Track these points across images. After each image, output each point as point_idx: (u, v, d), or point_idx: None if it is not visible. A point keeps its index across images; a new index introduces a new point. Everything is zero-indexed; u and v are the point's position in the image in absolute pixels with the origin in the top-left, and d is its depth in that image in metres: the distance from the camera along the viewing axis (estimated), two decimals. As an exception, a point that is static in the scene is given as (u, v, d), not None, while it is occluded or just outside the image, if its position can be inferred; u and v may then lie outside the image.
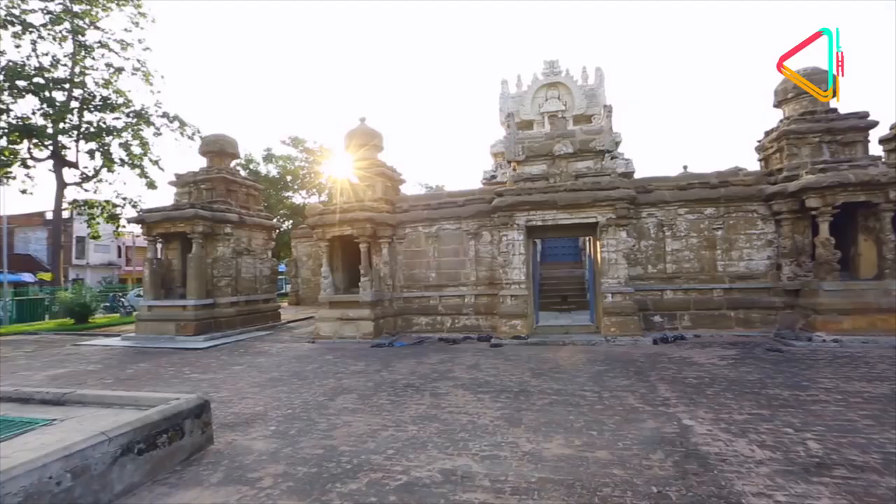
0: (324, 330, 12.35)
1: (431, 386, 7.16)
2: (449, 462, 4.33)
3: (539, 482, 3.88)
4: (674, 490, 3.67)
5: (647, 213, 11.65)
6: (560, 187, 11.18)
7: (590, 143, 11.34)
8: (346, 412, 5.95)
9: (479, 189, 13.48)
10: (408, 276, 13.20)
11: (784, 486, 3.68)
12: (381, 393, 6.84)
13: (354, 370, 8.51)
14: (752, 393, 6.23)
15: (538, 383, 7.09)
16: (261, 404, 6.42)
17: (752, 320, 11.01)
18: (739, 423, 5.12)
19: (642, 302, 11.31)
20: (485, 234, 12.48)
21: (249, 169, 31.80)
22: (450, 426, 5.30)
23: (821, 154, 10.66)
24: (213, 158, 15.21)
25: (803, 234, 10.57)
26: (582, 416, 5.47)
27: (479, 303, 12.48)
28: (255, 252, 15.47)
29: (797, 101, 11.26)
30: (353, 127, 13.93)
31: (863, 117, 10.62)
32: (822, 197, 9.75)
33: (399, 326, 13.04)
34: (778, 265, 10.96)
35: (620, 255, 10.92)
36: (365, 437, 5.05)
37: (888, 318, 9.40)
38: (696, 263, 11.45)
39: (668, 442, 4.64)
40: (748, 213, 11.25)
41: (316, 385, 7.44)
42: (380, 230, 12.72)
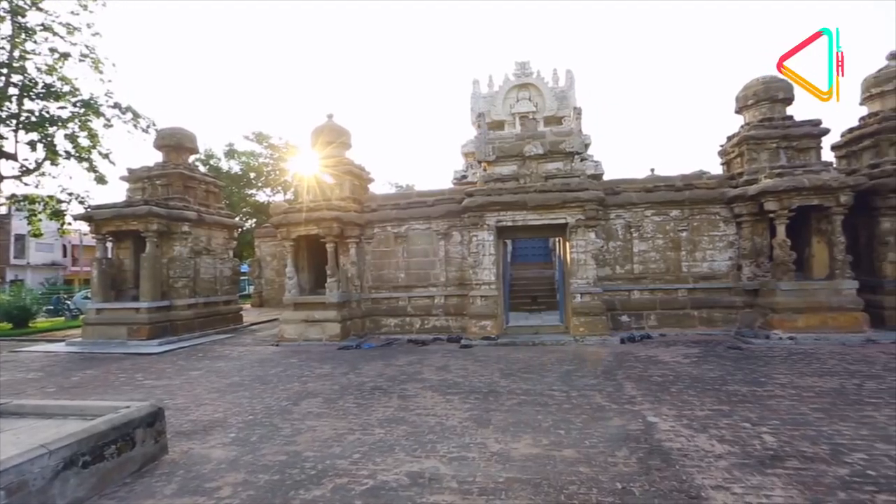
0: (288, 332, 12.02)
1: (399, 388, 7.05)
2: (416, 465, 4.24)
3: (506, 482, 3.84)
4: (637, 486, 3.70)
5: (616, 215, 11.86)
6: (530, 188, 11.25)
7: (560, 144, 11.46)
8: (311, 417, 5.77)
9: (450, 189, 13.44)
10: (376, 277, 13.02)
11: (741, 479, 3.78)
12: (348, 396, 6.68)
13: (320, 373, 8.30)
14: (714, 389, 6.39)
15: (507, 384, 7.07)
16: (220, 411, 6.16)
17: (714, 319, 11.34)
18: (701, 418, 5.22)
19: (610, 302, 11.50)
20: (455, 234, 12.43)
21: (210, 165, 30.60)
22: (418, 428, 5.21)
23: (778, 159, 11.10)
24: (170, 153, 14.57)
25: (762, 235, 10.97)
26: (550, 416, 5.48)
27: (448, 304, 12.42)
28: (216, 252, 14.94)
29: (756, 107, 11.69)
30: (321, 123, 13.66)
31: (816, 125, 11.12)
32: (779, 200, 10.14)
33: (367, 328, 12.84)
34: (738, 266, 11.34)
35: (589, 255, 11.07)
36: (330, 441, 4.90)
37: (838, 317, 9.86)
38: (661, 264, 11.72)
39: (633, 439, 4.68)
40: (711, 216, 11.60)
41: (279, 389, 7.20)
42: (347, 230, 12.49)
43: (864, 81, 11.68)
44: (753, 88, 11.68)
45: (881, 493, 3.48)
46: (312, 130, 13.70)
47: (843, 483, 3.65)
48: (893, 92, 11.16)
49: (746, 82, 12.00)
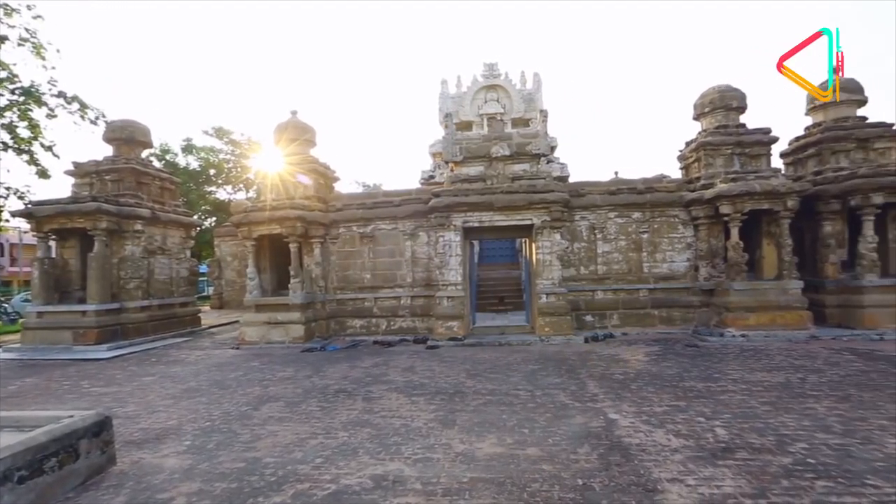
0: (249, 335, 11.68)
1: (364, 390, 6.95)
2: (380, 467, 4.18)
3: (470, 482, 3.83)
4: (597, 481, 3.78)
5: (580, 217, 12.09)
6: (497, 189, 11.34)
7: (526, 146, 11.60)
8: (272, 421, 5.61)
9: (416, 189, 13.38)
10: (341, 278, 12.82)
11: (695, 471, 3.91)
12: (311, 399, 6.53)
13: (282, 376, 8.09)
14: (671, 386, 6.61)
15: (473, 384, 7.09)
16: (174, 417, 5.89)
17: (673, 318, 11.74)
18: (659, 414, 5.38)
19: (575, 302, 11.72)
20: (421, 234, 12.39)
21: (166, 160, 29.21)
22: (382, 431, 5.15)
23: (732, 165, 11.60)
24: (121, 147, 13.81)
25: (717, 238, 11.43)
26: (515, 415, 5.52)
27: (415, 304, 12.36)
28: (171, 251, 14.34)
29: (713, 115, 12.18)
30: (284, 120, 13.34)
31: (766, 133, 11.70)
32: (733, 204, 10.60)
33: (332, 330, 12.62)
34: (696, 267, 11.78)
35: (555, 256, 11.25)
36: (292, 446, 4.77)
37: (785, 315, 10.40)
38: (624, 265, 12.03)
39: (594, 436, 4.78)
40: (671, 218, 12.00)
41: (239, 394, 6.97)
42: (312, 229, 12.24)
43: (809, 94, 12.37)
44: (710, 97, 12.18)
45: (820, 480, 3.68)
46: (276, 127, 13.36)
47: (786, 472, 3.84)
48: (835, 103, 11.84)
49: (703, 90, 12.50)
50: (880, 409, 5.32)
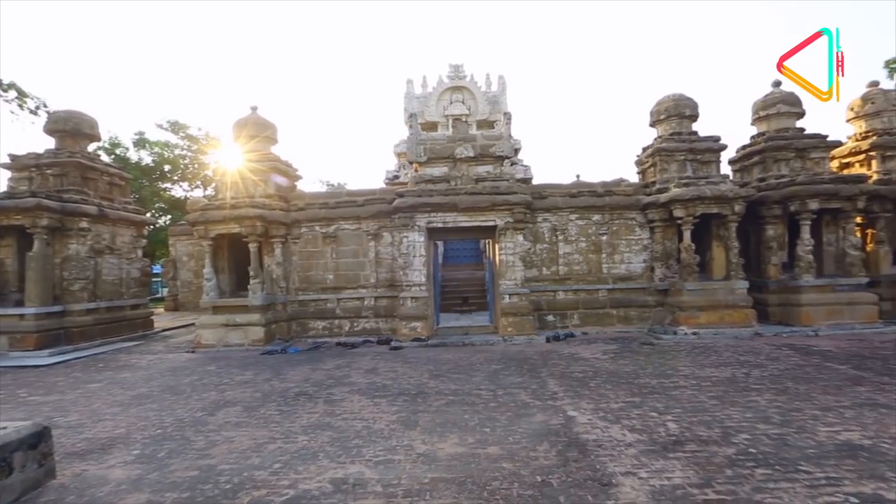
0: (206, 337, 11.28)
1: (326, 393, 6.85)
2: (341, 471, 4.14)
3: (432, 482, 3.85)
4: (555, 477, 3.88)
5: (543, 218, 12.33)
6: (461, 190, 11.42)
7: (490, 148, 11.74)
8: (228, 427, 5.45)
9: (380, 189, 13.30)
10: (303, 279, 12.58)
11: (647, 464, 4.08)
12: (270, 403, 6.39)
13: (241, 380, 7.86)
14: (627, 383, 6.85)
15: (436, 384, 7.12)
16: (122, 426, 5.62)
17: (630, 317, 12.15)
18: (615, 410, 5.57)
19: (537, 302, 11.95)
20: (385, 235, 12.32)
21: (116, 154, 27.65)
22: (343, 433, 5.09)
23: (685, 170, 12.13)
24: (65, 139, 12.98)
25: (672, 240, 11.92)
26: (477, 415, 5.58)
27: (378, 305, 12.28)
28: (121, 251, 13.65)
29: (667, 122, 12.70)
30: (244, 116, 12.96)
31: (716, 140, 12.30)
32: (686, 208, 11.09)
33: (293, 332, 12.37)
34: (652, 267, 12.24)
35: (517, 257, 11.43)
36: (249, 452, 4.65)
37: (732, 313, 10.97)
38: (584, 266, 12.36)
39: (553, 433, 4.90)
40: (628, 221, 12.41)
41: (194, 399, 6.73)
42: (272, 229, 11.96)
43: (754, 104, 13.12)
44: (665, 104, 12.70)
45: (759, 468, 3.92)
46: (235, 123, 12.98)
47: (730, 461, 4.06)
48: (777, 115, 12.63)
49: (659, 98, 13.02)
50: (813, 401, 5.70)
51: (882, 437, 4.50)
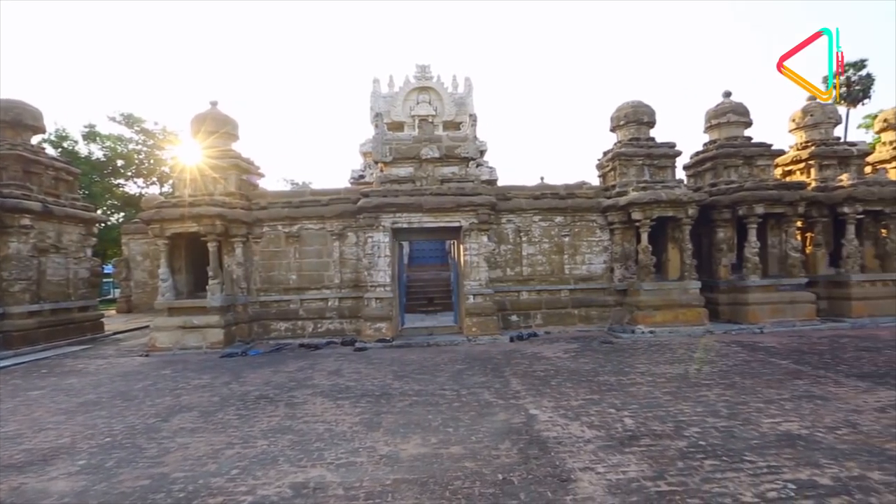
0: (161, 340, 10.84)
1: (288, 396, 6.73)
2: (301, 475, 4.08)
3: (394, 484, 3.86)
4: (516, 475, 3.95)
5: (507, 220, 12.51)
6: (426, 191, 11.44)
7: (456, 149, 11.81)
8: (183, 433, 5.26)
9: (345, 188, 13.15)
10: (265, 279, 12.28)
11: (604, 459, 4.22)
12: (229, 408, 6.21)
13: (198, 384, 7.61)
14: (587, 381, 7.04)
15: (400, 385, 7.11)
16: (66, 435, 5.34)
17: (591, 317, 12.49)
18: (575, 408, 5.73)
19: (501, 302, 12.10)
20: (350, 235, 12.20)
21: (63, 148, 26.07)
22: (305, 437, 5.02)
23: (643, 175, 12.57)
24: (5, 130, 12.11)
25: (630, 242, 12.33)
26: (440, 415, 5.61)
27: (343, 306, 12.14)
28: (68, 250, 12.93)
29: (627, 128, 13.12)
30: (203, 111, 12.55)
31: (672, 147, 12.81)
32: (643, 211, 11.50)
33: (255, 333, 12.05)
34: (611, 268, 12.62)
35: (482, 258, 11.55)
36: (205, 458, 4.52)
37: (686, 312, 11.45)
38: (547, 267, 12.61)
39: (515, 431, 4.99)
40: (589, 223, 12.75)
41: (146, 405, 6.46)
42: (233, 228, 11.62)
43: (707, 113, 13.76)
44: (624, 111, 13.12)
45: (708, 459, 4.13)
46: (193, 118, 12.55)
47: (681, 454, 4.25)
48: (727, 124, 13.29)
49: (619, 105, 13.43)
50: (758, 394, 6.04)
51: (817, 427, 4.82)
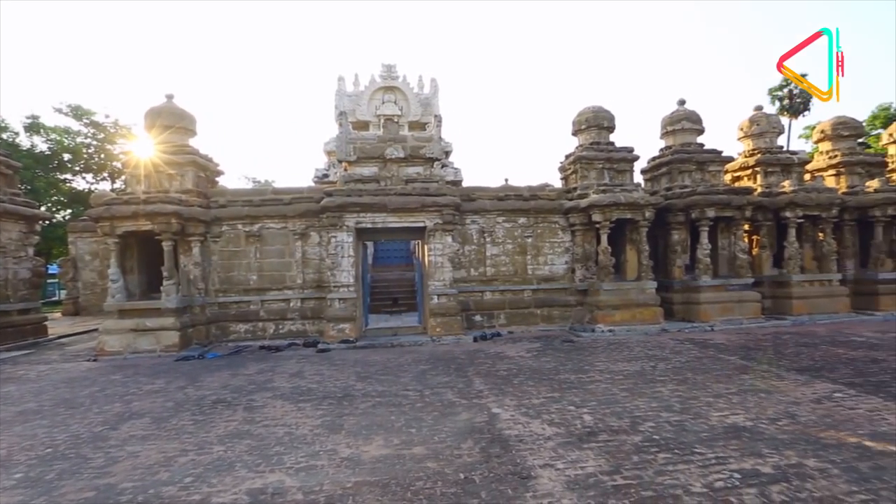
0: (111, 344, 10.32)
1: (246, 399, 6.55)
2: (259, 480, 3.99)
3: (355, 486, 3.83)
4: (478, 474, 4.00)
5: (471, 220, 12.60)
6: (390, 191, 11.38)
7: (420, 149, 11.80)
8: (133, 441, 5.04)
9: (308, 188, 12.91)
10: (224, 280, 11.89)
11: (564, 455, 4.33)
12: (184, 413, 5.99)
13: (150, 389, 7.30)
14: (549, 379, 7.19)
15: (363, 387, 7.05)
16: (2, 447, 5.01)
17: (553, 316, 12.75)
18: (537, 406, 5.84)
19: (465, 303, 12.18)
20: (313, 234, 11.98)
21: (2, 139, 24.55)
22: (263, 441, 4.90)
23: (603, 178, 12.95)
24: (-62, 121, 11.39)
25: (591, 243, 12.67)
26: (403, 416, 5.60)
27: (305, 307, 11.91)
28: (7, 249, 12.13)
29: (588, 132, 13.48)
30: (158, 104, 12.05)
31: (630, 151, 13.25)
32: (603, 213, 11.84)
33: (213, 336, 11.65)
34: (573, 269, 12.93)
35: (446, 258, 11.59)
36: (157, 467, 4.34)
37: (643, 311, 11.87)
38: (510, 267, 12.79)
39: (477, 430, 5.04)
40: (552, 224, 13.02)
41: (93, 413, 6.14)
42: (190, 226, 11.20)
43: (663, 120, 14.32)
44: (585, 115, 13.47)
45: (662, 452, 4.30)
46: (147, 111, 12.03)
47: (637, 448, 4.42)
48: (681, 131, 13.88)
49: (581, 109, 13.78)
50: (708, 389, 6.34)
51: (761, 419, 5.11)
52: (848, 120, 15.22)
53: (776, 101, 31.12)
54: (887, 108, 29.14)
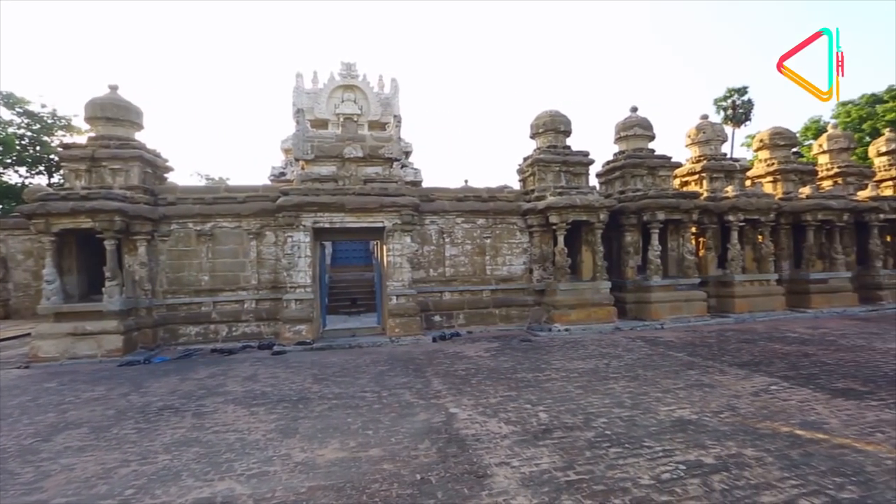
0: (45, 350, 9.65)
1: (196, 405, 6.28)
2: (207, 489, 3.83)
3: (309, 491, 3.74)
4: (434, 474, 4.00)
5: (430, 221, 12.61)
6: (349, 190, 11.22)
7: (379, 149, 11.70)
8: (68, 453, 4.72)
9: (264, 186, 12.53)
10: (173, 280, 11.36)
11: (519, 453, 4.39)
12: (126, 421, 5.67)
13: (90, 397, 6.87)
14: (506, 378, 7.29)
15: (319, 389, 6.91)
16: (-82, 461, 4.59)
17: (511, 316, 12.94)
18: (494, 405, 5.90)
19: (424, 303, 12.17)
20: (268, 234, 11.64)
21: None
22: (213, 448, 4.71)
23: (560, 181, 13.27)
24: None
25: (548, 244, 12.95)
26: (360, 418, 5.53)
27: (260, 308, 11.55)
28: (-70, 248, 11.14)
29: (545, 135, 13.78)
30: (101, 95, 11.37)
31: (585, 155, 13.64)
32: (560, 214, 12.13)
33: (160, 339, 11.10)
34: (530, 269, 13.17)
35: (405, 259, 11.54)
36: (94, 479, 4.09)
37: (598, 310, 12.25)
38: (469, 268, 12.89)
39: (435, 431, 5.04)
40: (510, 225, 13.22)
41: (23, 424, 5.71)
42: (135, 225, 10.63)
43: (616, 126, 14.85)
44: (543, 119, 13.77)
45: (613, 447, 4.45)
46: (89, 102, 11.34)
47: (590, 444, 4.54)
48: (634, 136, 14.44)
49: (538, 113, 14.07)
50: (657, 385, 6.61)
51: (705, 412, 5.38)
52: (783, 130, 16.29)
53: (721, 111, 32.93)
54: (817, 121, 31.47)
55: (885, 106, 27.69)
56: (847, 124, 28.67)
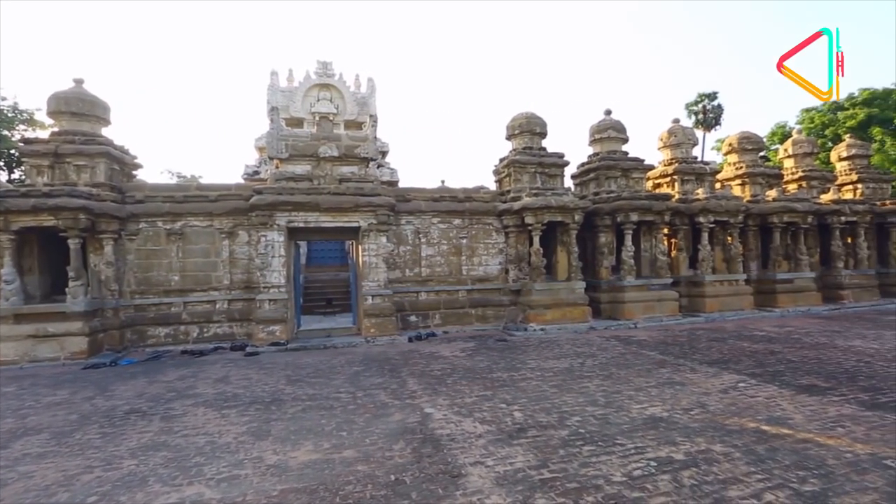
0: (4, 352, 9.23)
1: (164, 408, 6.10)
2: (175, 494, 3.73)
3: (281, 494, 3.68)
4: (409, 475, 3.98)
5: (406, 221, 12.57)
6: (324, 190, 11.10)
7: (355, 149, 11.61)
8: (27, 460, 4.53)
9: (237, 184, 12.27)
10: (141, 280, 11.03)
11: (494, 453, 4.40)
12: (90, 426, 5.47)
13: (51, 402, 6.61)
14: (482, 378, 7.32)
15: (293, 390, 6.81)
16: None
17: (487, 316, 13.01)
18: (469, 405, 5.92)
19: (400, 303, 12.12)
20: (241, 233, 11.42)
21: None
22: (182, 452, 4.59)
23: (536, 182, 13.41)
24: None
25: (524, 244, 13.07)
26: (334, 419, 5.47)
27: (233, 308, 11.32)
28: None
29: (521, 137, 13.91)
30: (66, 89, 10.96)
31: (560, 157, 13.83)
32: (535, 215, 12.26)
33: (128, 340, 10.76)
34: (506, 269, 13.27)
35: (381, 259, 11.48)
36: (55, 487, 3.93)
37: (573, 310, 12.42)
38: (446, 268, 12.90)
39: (409, 431, 5.02)
40: (486, 226, 13.29)
41: (-22, 430, 5.46)
42: (101, 223, 10.27)
43: (591, 128, 15.12)
44: (519, 121, 13.90)
45: (586, 445, 4.51)
46: (52, 96, 10.94)
47: (564, 442, 4.59)
48: (608, 139, 14.72)
49: (514, 115, 14.19)
50: (630, 383, 6.73)
51: (676, 409, 5.50)
52: (751, 135, 16.85)
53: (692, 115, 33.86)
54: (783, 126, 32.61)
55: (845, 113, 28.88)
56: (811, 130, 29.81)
